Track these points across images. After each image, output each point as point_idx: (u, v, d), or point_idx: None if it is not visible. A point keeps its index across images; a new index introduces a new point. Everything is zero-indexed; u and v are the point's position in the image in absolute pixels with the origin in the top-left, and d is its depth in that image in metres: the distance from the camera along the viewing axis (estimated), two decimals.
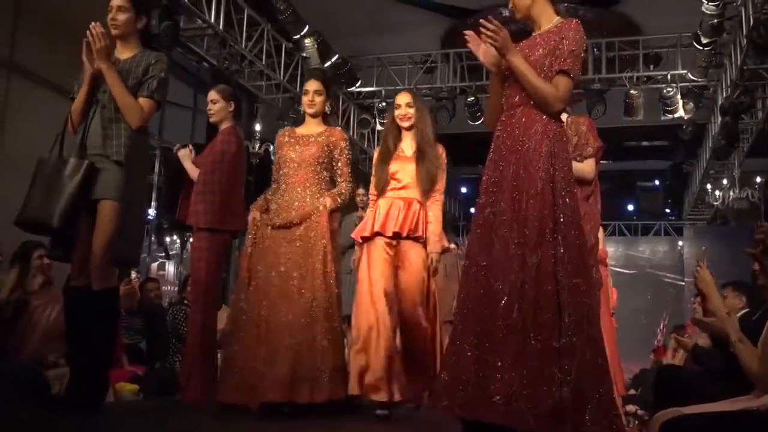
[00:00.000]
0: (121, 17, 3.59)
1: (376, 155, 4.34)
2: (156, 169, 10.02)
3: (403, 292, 4.04)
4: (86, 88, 3.51)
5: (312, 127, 4.25)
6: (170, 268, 12.24)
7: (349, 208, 5.87)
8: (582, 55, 2.92)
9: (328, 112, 4.29)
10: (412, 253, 4.08)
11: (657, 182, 19.36)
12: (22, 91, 6.69)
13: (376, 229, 4.09)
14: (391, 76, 11.67)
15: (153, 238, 10.46)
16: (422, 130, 4.20)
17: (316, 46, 10.20)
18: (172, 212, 5.13)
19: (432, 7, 11.31)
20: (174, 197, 5.04)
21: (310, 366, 3.80)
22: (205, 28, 8.49)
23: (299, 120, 4.27)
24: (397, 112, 4.25)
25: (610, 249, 13.78)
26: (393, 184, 4.18)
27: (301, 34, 9.98)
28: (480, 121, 11.51)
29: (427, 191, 4.13)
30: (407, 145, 4.26)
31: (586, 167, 3.99)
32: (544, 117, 2.87)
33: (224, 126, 4.69)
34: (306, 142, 4.18)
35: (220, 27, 8.51)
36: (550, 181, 2.77)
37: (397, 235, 4.08)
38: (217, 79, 9.47)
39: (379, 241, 4.09)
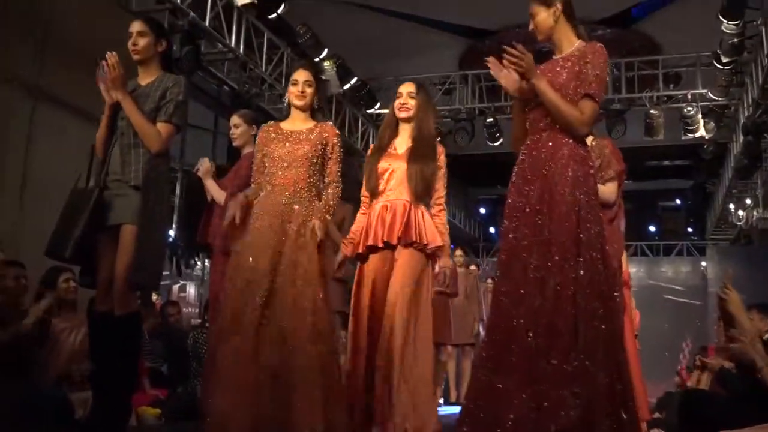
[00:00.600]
0: (142, 42, 3.64)
1: (369, 150, 3.94)
2: (177, 192, 10.10)
3: (385, 299, 3.52)
4: (106, 118, 3.57)
5: (300, 123, 3.73)
6: (191, 289, 12.28)
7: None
8: (606, 78, 2.93)
9: (316, 107, 3.80)
10: (408, 259, 3.59)
11: (679, 202, 19.22)
12: (48, 116, 6.80)
13: (369, 242, 3.67)
14: None
15: (173, 260, 10.52)
16: (420, 125, 3.76)
17: (335, 68, 10.29)
18: (193, 233, 5.15)
19: (450, 29, 11.39)
20: (195, 218, 5.06)
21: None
22: (225, 52, 8.58)
23: (283, 116, 3.87)
24: (396, 102, 3.85)
25: (632, 270, 13.64)
26: (381, 185, 3.76)
27: (321, 57, 10.06)
28: (499, 142, 11.51)
29: (418, 195, 3.67)
30: (402, 140, 3.83)
31: (608, 190, 3.98)
32: (570, 141, 2.89)
33: (247, 150, 4.72)
34: (297, 139, 3.64)
35: (241, 51, 8.61)
36: (575, 204, 2.77)
37: (388, 245, 3.64)
38: (237, 102, 9.57)
39: (373, 257, 3.67)
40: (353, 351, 3.56)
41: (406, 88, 3.85)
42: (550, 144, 2.89)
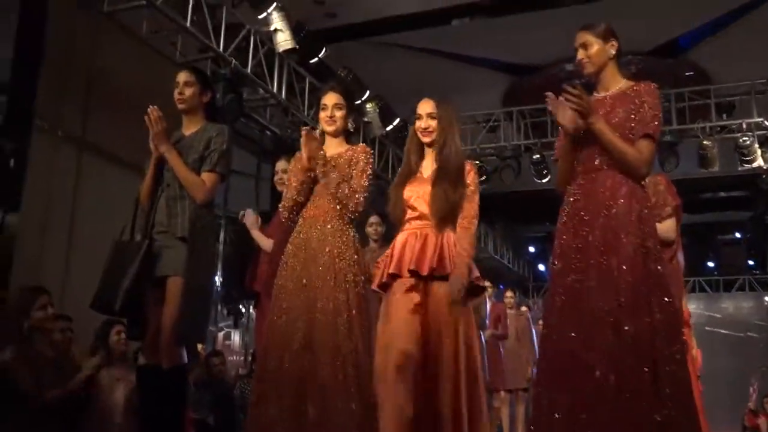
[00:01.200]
0: (188, 92, 3.71)
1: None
2: (222, 238, 10.20)
3: (429, 342, 3.25)
4: (152, 170, 3.63)
5: (333, 149, 3.60)
6: (236, 337, 12.32)
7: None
8: (661, 117, 2.92)
9: (351, 130, 3.68)
10: (442, 293, 3.32)
11: (738, 234, 18.75)
12: (94, 169, 6.96)
13: (391, 270, 3.39)
14: None
15: (219, 308, 10.59)
16: (444, 146, 3.51)
17: (377, 110, 10.37)
18: (240, 281, 5.17)
19: (492, 66, 11.41)
20: (242, 266, 5.10)
21: None
22: (267, 98, 8.72)
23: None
24: (417, 124, 3.60)
25: (691, 307, 13.31)
26: (409, 212, 3.50)
27: (363, 99, 10.15)
28: (546, 179, 11.42)
29: (443, 219, 3.40)
30: (428, 163, 3.60)
31: (666, 228, 3.91)
32: (629, 180, 2.88)
33: None
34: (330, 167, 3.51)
35: (283, 96, 8.73)
36: (641, 246, 2.75)
37: (417, 275, 3.34)
38: (279, 147, 9.66)
39: (399, 286, 3.36)
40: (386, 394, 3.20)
41: (425, 109, 3.58)
42: (609, 183, 2.88)
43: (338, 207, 3.47)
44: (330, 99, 3.63)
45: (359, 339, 3.27)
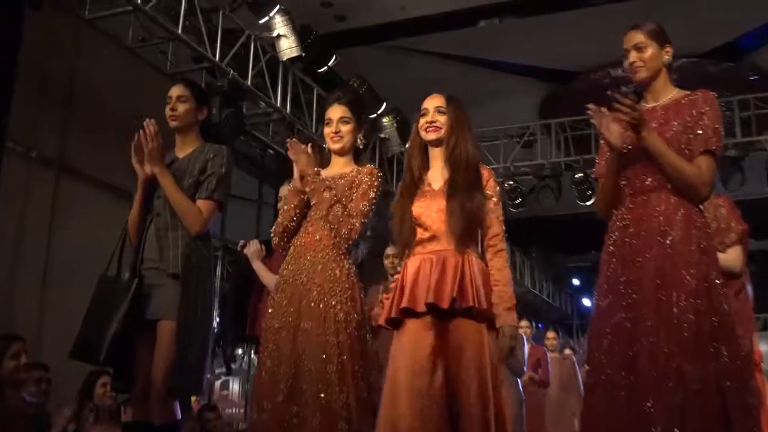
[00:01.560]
0: (181, 108, 3.75)
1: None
2: (219, 273, 10.23)
3: (458, 396, 3.05)
4: (140, 196, 3.66)
5: (337, 169, 3.57)
6: (235, 386, 12.31)
7: (371, 274, 5.10)
8: (722, 129, 2.91)
9: (360, 147, 3.61)
10: (467, 334, 3.13)
11: None
12: (72, 191, 7.02)
13: (403, 305, 3.20)
14: (483, 153, 11.72)
15: (215, 353, 10.58)
16: (456, 147, 3.35)
17: (395, 124, 10.40)
18: (239, 323, 5.16)
19: (526, 72, 11.44)
20: (241, 305, 5.10)
21: None
22: (270, 112, 8.78)
23: (325, 163, 3.66)
24: (421, 121, 3.42)
25: (763, 348, 13.16)
26: (420, 233, 3.31)
27: (379, 112, 10.21)
28: (590, 201, 11.37)
29: (463, 237, 3.22)
30: (436, 171, 3.42)
31: (731, 257, 3.87)
32: (686, 203, 2.87)
33: None
34: (329, 188, 3.46)
35: (287, 110, 8.78)
36: (704, 279, 2.74)
37: (436, 309, 3.16)
38: (283, 168, 9.70)
39: (412, 324, 3.19)
40: None
41: (433, 103, 3.42)
42: (663, 207, 2.88)
43: (332, 233, 3.39)
44: (335, 112, 3.58)
45: (351, 390, 3.17)
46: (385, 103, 10.27)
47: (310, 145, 3.61)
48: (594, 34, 9.54)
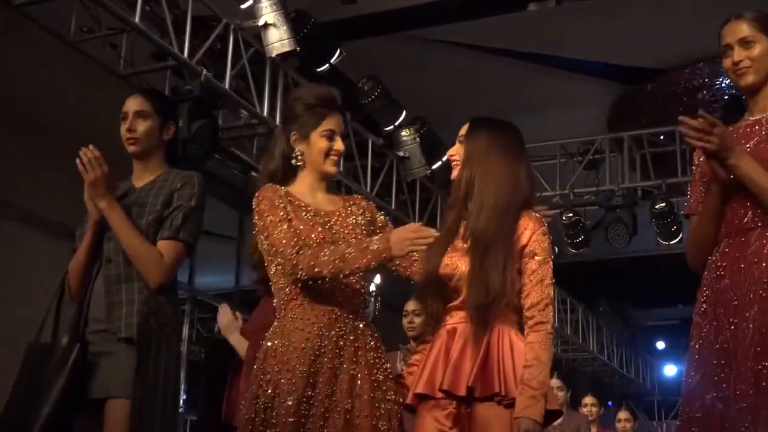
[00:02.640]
0: (142, 127, 3.78)
1: None
2: (187, 335, 10.21)
3: None
4: (88, 239, 3.67)
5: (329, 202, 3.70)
6: None
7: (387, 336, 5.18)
8: None
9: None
10: (491, 425, 3.21)
11: None
12: (9, 235, 6.98)
13: (419, 390, 3.32)
14: (534, 176, 11.69)
15: None
16: (468, 189, 3.42)
17: (417, 139, 10.40)
18: (214, 407, 5.17)
19: (591, 71, 11.45)
20: (215, 383, 5.16)
21: None
22: (255, 124, 8.81)
23: None
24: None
25: None
26: (452, 297, 3.42)
27: (397, 123, 10.22)
28: (677, 239, 11.34)
29: (483, 311, 3.29)
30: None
31: None
32: None
33: None
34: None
35: (277, 121, 8.79)
36: None
37: (454, 396, 3.26)
38: None
39: (428, 413, 3.30)
40: None
41: (460, 131, 3.54)
42: (766, 251, 2.90)
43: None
44: (334, 123, 3.59)
45: None
46: (405, 112, 10.29)
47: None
48: (682, 19, 9.54)
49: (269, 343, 3.40)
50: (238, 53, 8.38)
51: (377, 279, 8.30)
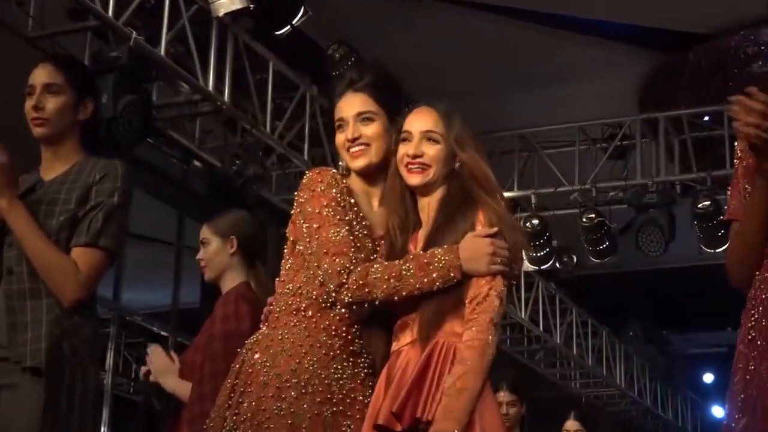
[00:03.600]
0: (52, 104, 3.78)
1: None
2: (110, 364, 10.20)
3: None
4: None
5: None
6: None
7: None
8: None
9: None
10: None
11: None
12: None
13: (371, 420, 3.42)
14: (547, 166, 11.73)
15: None
16: (449, 200, 3.57)
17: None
18: None
19: (620, 35, 11.46)
20: (152, 422, 5.10)
21: None
22: (197, 101, 8.80)
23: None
24: (401, 151, 3.58)
25: None
26: (398, 322, 3.55)
27: None
28: (725, 247, 11.40)
29: (433, 320, 3.43)
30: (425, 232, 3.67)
31: None
32: None
33: (227, 284, 4.88)
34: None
35: (226, 98, 8.80)
36: None
37: (398, 420, 3.36)
38: (219, 191, 9.69)
39: None
40: None
41: (419, 122, 3.59)
42: None
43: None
44: (349, 106, 3.63)
45: None
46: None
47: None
48: None
49: (255, 355, 3.48)
50: (177, 12, 8.36)
51: None
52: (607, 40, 11.46)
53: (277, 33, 9.40)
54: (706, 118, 11.33)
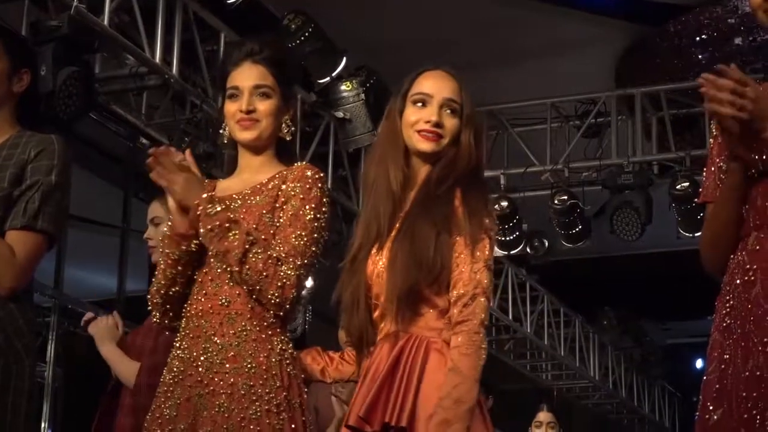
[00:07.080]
0: None
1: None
2: (50, 355, 10.17)
3: None
4: None
5: (249, 175, 3.84)
6: None
7: None
8: None
9: (288, 137, 3.84)
10: None
11: None
12: None
13: (350, 421, 3.50)
14: (517, 145, 11.77)
15: None
16: (461, 168, 3.64)
17: (361, 95, 10.39)
18: None
19: (595, 7, 11.47)
20: (85, 407, 5.24)
21: None
22: (144, 74, 8.77)
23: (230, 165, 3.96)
24: (414, 116, 3.66)
25: None
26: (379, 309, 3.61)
27: (334, 74, 10.20)
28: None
29: (408, 308, 3.49)
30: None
31: None
32: None
33: None
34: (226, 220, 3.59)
35: (174, 70, 8.79)
36: None
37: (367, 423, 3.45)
38: None
39: None
40: None
41: (442, 87, 3.70)
42: None
43: (251, 296, 3.53)
44: (246, 76, 3.71)
45: None
46: (345, 59, 10.30)
47: (187, 152, 3.66)
48: None
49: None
50: None
51: (308, 283, 8.34)
52: (581, 11, 11.46)
53: (229, 2, 9.36)
54: (687, 94, 11.33)
